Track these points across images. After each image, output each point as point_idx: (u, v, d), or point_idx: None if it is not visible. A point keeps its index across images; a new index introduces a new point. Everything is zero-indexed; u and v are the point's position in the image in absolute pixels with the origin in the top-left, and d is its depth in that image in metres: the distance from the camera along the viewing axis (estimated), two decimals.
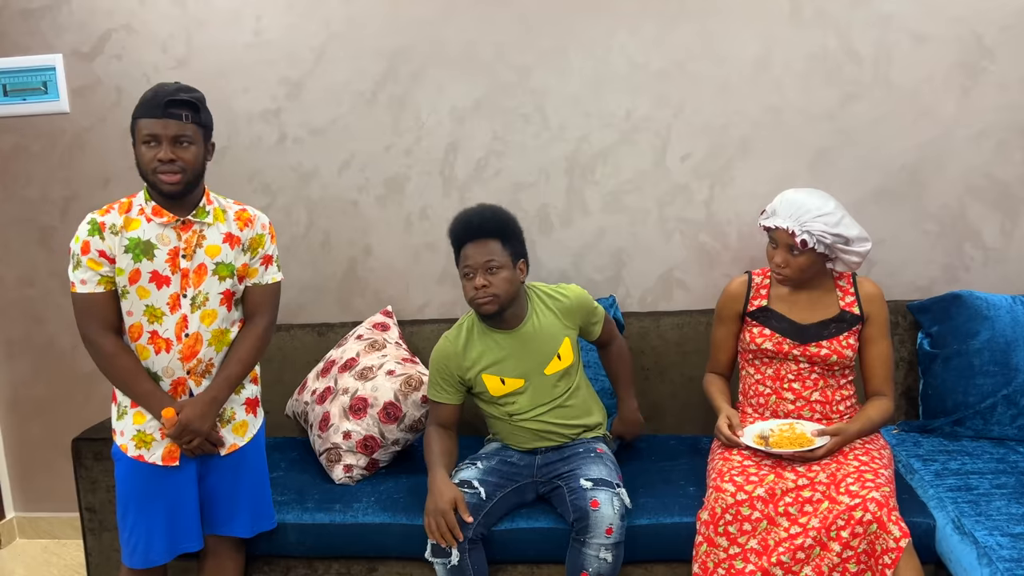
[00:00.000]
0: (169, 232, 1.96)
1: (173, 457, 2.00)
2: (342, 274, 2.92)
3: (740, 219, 2.70)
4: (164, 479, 2.00)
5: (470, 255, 2.11)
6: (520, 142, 2.75)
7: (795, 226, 2.08)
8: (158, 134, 1.89)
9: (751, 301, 2.26)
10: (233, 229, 2.04)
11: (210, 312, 2.00)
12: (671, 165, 2.70)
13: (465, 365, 2.19)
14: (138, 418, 2.00)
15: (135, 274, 1.93)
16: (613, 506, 2.02)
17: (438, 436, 2.21)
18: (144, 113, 1.90)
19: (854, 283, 2.23)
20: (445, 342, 2.22)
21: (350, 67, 2.78)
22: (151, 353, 1.97)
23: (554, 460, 2.21)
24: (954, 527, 1.95)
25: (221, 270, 2.00)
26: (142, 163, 1.91)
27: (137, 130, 1.91)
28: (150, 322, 1.96)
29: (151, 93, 1.91)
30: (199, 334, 1.99)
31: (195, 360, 1.99)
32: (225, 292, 2.02)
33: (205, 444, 2.01)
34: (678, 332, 2.66)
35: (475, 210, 2.18)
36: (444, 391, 2.23)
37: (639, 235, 2.75)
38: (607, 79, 2.68)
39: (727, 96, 2.64)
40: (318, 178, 2.87)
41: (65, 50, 2.90)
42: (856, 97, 2.59)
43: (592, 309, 2.29)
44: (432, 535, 2.03)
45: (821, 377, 2.20)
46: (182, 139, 1.91)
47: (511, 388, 2.19)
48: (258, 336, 2.09)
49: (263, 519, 2.16)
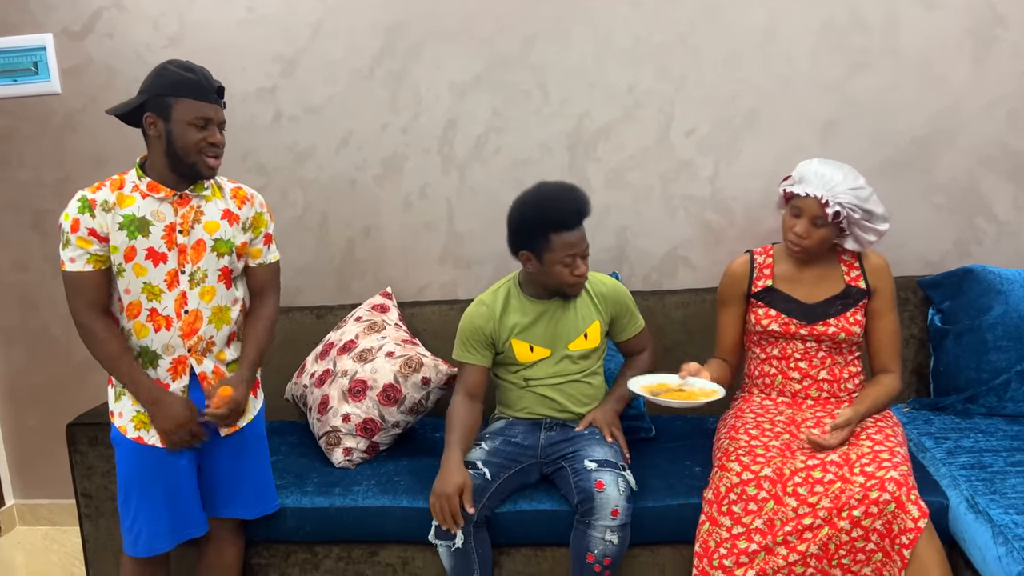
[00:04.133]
0: (165, 207, 1.93)
1: None
2: (340, 256, 2.87)
3: (746, 195, 2.64)
4: (164, 462, 1.97)
5: (575, 243, 2.06)
6: (521, 118, 2.69)
7: (828, 196, 2.02)
8: (211, 118, 1.90)
9: (755, 282, 2.21)
10: (231, 206, 2.02)
11: (209, 289, 1.97)
12: (675, 140, 2.64)
13: (500, 328, 2.19)
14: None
15: (130, 251, 1.90)
16: (619, 487, 1.98)
17: (463, 409, 2.17)
18: (194, 94, 1.88)
19: (859, 256, 2.18)
20: (481, 305, 2.21)
21: (346, 43, 2.72)
22: (150, 331, 1.94)
23: (558, 440, 2.17)
24: (968, 506, 1.90)
25: (220, 246, 1.98)
26: (186, 143, 1.88)
27: (179, 109, 1.87)
28: (148, 300, 1.93)
29: (195, 75, 1.89)
30: (199, 311, 1.96)
31: (196, 337, 1.96)
32: (223, 269, 1.99)
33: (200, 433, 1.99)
34: (683, 311, 2.61)
35: (569, 193, 2.09)
36: (475, 352, 2.20)
37: (643, 212, 2.70)
38: (609, 52, 2.62)
39: (732, 68, 2.58)
40: (314, 158, 2.81)
41: (55, 29, 2.85)
42: (865, 67, 2.53)
43: (628, 306, 2.27)
44: (436, 516, 2.00)
45: (828, 355, 2.15)
46: (223, 125, 1.95)
47: (537, 356, 2.19)
48: (270, 317, 2.09)
49: (265, 501, 2.13)
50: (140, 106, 1.90)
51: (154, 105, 1.88)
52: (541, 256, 2.10)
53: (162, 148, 1.91)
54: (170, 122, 1.88)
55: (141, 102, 1.89)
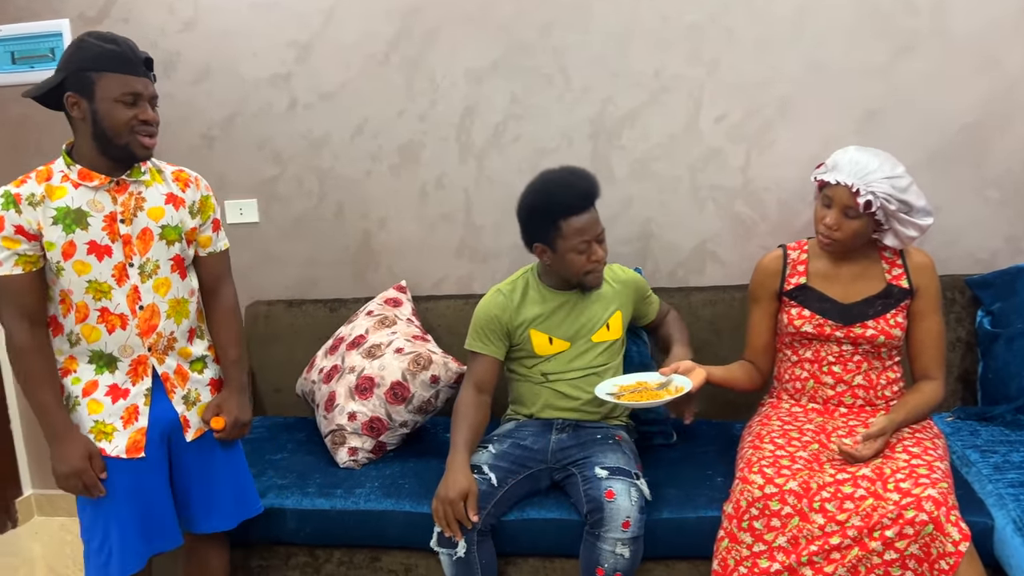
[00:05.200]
0: (102, 196, 1.77)
1: (139, 447, 1.82)
2: (356, 247, 2.79)
3: (780, 186, 2.48)
4: (131, 473, 1.80)
5: (587, 227, 1.97)
6: (541, 105, 2.57)
7: (860, 184, 1.86)
8: (141, 93, 1.72)
9: (787, 279, 2.06)
10: (174, 189, 1.88)
11: (163, 281, 1.84)
12: (704, 128, 2.50)
13: (517, 319, 2.10)
14: (93, 407, 1.79)
15: (69, 247, 1.72)
16: (631, 497, 1.86)
17: (471, 403, 2.06)
18: (120, 67, 1.70)
19: (901, 254, 2.01)
20: (498, 294, 2.13)
21: (361, 27, 2.63)
22: (103, 333, 1.78)
23: (569, 445, 2.05)
24: (1015, 528, 1.74)
25: (168, 233, 1.84)
26: (115, 122, 1.70)
27: (104, 85, 1.68)
28: (96, 299, 1.76)
29: (118, 46, 1.71)
30: (155, 306, 1.83)
31: (155, 335, 1.83)
32: (175, 258, 1.86)
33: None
34: (711, 309, 2.46)
35: (574, 176, 2.02)
36: (489, 343, 2.10)
37: (669, 204, 2.56)
38: (634, 35, 2.47)
39: (766, 51, 2.42)
40: (329, 146, 2.73)
41: (72, 14, 2.82)
42: (910, 50, 2.35)
43: (645, 288, 2.25)
44: (438, 522, 1.90)
45: (865, 359, 1.99)
46: (155, 101, 1.77)
47: (557, 349, 2.11)
48: (232, 309, 1.97)
49: (246, 506, 2.01)
50: (59, 85, 1.70)
51: (75, 83, 1.68)
52: (555, 245, 2.00)
53: (89, 131, 1.72)
54: (95, 100, 1.69)
55: (60, 80, 1.69)
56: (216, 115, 2.79)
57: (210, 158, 2.82)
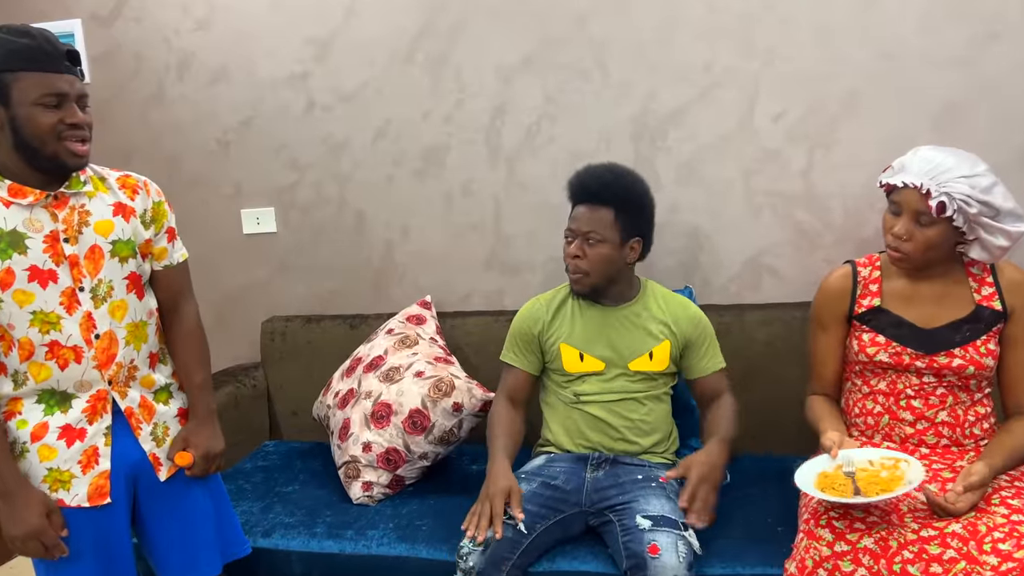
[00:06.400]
0: (40, 214, 1.53)
1: (103, 492, 1.61)
2: (378, 259, 2.60)
3: (845, 191, 2.23)
4: (94, 524, 1.59)
5: (576, 218, 1.93)
6: (577, 103, 2.35)
7: (931, 185, 1.61)
8: (66, 92, 1.48)
9: (858, 300, 1.79)
10: (122, 198, 1.66)
11: (119, 304, 1.62)
12: (760, 126, 2.26)
13: (549, 330, 2.00)
14: (45, 453, 1.56)
15: (7, 276, 1.49)
16: (678, 553, 1.62)
17: (505, 414, 1.98)
18: (37, 65, 1.45)
19: (992, 270, 1.74)
20: (535, 302, 2.06)
21: (382, 22, 2.44)
22: (53, 370, 1.55)
23: (606, 486, 1.82)
24: None
25: (120, 249, 1.62)
26: (38, 129, 1.47)
27: (20, 87, 1.45)
28: (43, 332, 1.53)
29: (34, 40, 1.47)
30: (112, 333, 1.59)
31: (114, 365, 1.61)
32: (131, 276, 1.64)
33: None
34: (767, 329, 2.21)
35: (598, 170, 1.96)
36: (519, 354, 2.02)
37: (720, 212, 2.32)
38: (680, 24, 2.25)
39: (829, 41, 2.18)
40: (349, 150, 2.55)
41: (83, 14, 2.71)
42: (996, 37, 2.08)
43: (708, 334, 2.00)
44: (471, 518, 1.74)
45: (949, 392, 1.72)
46: (84, 100, 1.53)
47: (588, 368, 1.96)
48: (196, 328, 1.77)
49: (232, 545, 1.80)
50: None
51: None
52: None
53: (9, 141, 1.48)
54: (11, 105, 1.45)
55: None
56: (231, 119, 2.63)
57: (226, 164, 2.66)
